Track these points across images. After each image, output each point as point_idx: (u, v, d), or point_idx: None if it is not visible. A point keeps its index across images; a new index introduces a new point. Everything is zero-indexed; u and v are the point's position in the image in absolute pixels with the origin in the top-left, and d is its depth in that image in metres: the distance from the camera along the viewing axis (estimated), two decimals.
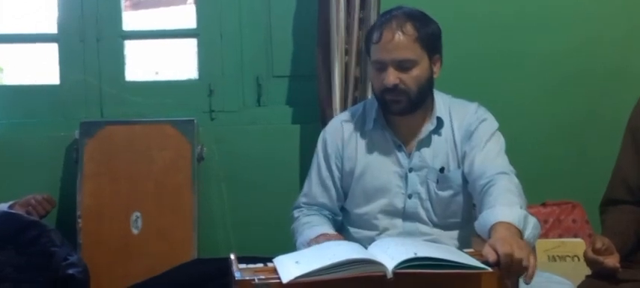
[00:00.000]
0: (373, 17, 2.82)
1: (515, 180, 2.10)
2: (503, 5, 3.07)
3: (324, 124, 2.85)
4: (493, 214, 1.92)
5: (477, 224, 1.99)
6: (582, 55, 3.07)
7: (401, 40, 2.18)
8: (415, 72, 2.19)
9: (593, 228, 2.85)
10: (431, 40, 2.22)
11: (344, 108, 2.81)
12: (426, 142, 2.28)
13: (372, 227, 2.29)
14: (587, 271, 2.16)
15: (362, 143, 2.32)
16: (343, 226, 2.38)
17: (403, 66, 2.18)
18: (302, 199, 2.40)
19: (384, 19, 2.23)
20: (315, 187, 2.37)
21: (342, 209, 2.38)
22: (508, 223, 1.87)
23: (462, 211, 2.28)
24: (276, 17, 3.10)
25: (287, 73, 3.12)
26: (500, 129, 2.29)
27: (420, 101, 2.23)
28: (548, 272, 2.18)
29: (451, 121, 2.29)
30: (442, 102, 2.31)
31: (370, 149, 2.31)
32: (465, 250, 1.84)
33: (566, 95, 3.08)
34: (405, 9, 2.25)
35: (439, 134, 2.28)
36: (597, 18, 3.07)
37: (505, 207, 1.94)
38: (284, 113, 3.12)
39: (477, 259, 1.73)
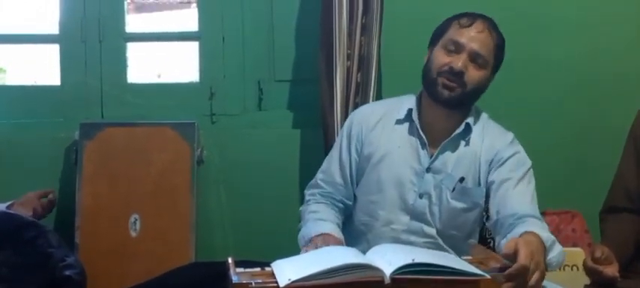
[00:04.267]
0: (376, 23, 2.83)
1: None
2: (506, 13, 3.05)
3: (325, 129, 2.85)
4: (525, 227, 1.95)
5: (503, 241, 2.00)
6: (584, 63, 3.07)
7: (488, 38, 2.24)
8: (481, 73, 2.23)
9: (592, 237, 2.84)
10: (500, 57, 2.29)
11: (345, 113, 2.80)
12: (452, 147, 2.27)
13: (377, 218, 2.28)
14: (586, 281, 2.15)
15: (387, 131, 2.32)
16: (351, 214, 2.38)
17: (477, 60, 2.22)
18: (319, 176, 2.40)
19: (477, 14, 2.27)
20: (333, 165, 2.37)
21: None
22: (537, 236, 1.88)
23: (467, 227, 2.28)
24: (279, 21, 3.10)
25: (289, 78, 3.12)
26: None
27: (467, 102, 2.26)
28: (547, 281, 2.17)
29: (482, 137, 2.28)
30: (479, 115, 2.32)
31: (394, 139, 2.30)
32: (464, 257, 1.83)
33: (567, 103, 3.08)
34: (489, 17, 2.30)
35: (467, 143, 2.27)
36: (599, 27, 3.07)
37: (536, 228, 1.95)
38: (285, 117, 3.11)
39: (476, 266, 1.72)
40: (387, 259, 1.70)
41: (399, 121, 2.31)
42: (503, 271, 1.71)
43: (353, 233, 2.31)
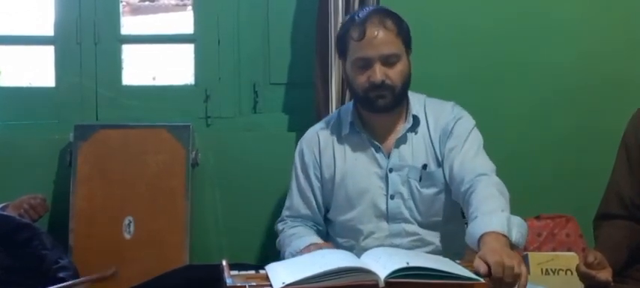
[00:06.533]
0: None
1: (495, 179, 2.09)
2: (501, 19, 3.07)
3: None
4: (477, 225, 1.91)
5: (466, 239, 1.98)
6: (578, 68, 3.07)
7: (386, 35, 2.20)
8: (399, 67, 2.22)
9: (586, 242, 2.84)
10: (407, 36, 2.26)
11: None
12: (404, 140, 2.28)
13: (358, 233, 2.28)
14: (580, 286, 2.15)
15: (339, 149, 2.32)
16: (329, 236, 2.37)
17: (389, 61, 2.20)
18: (285, 213, 2.40)
19: (363, 16, 2.23)
20: (296, 200, 2.37)
21: (326, 220, 2.37)
22: (494, 233, 1.86)
23: (444, 209, 2.27)
24: (274, 24, 3.10)
25: (284, 81, 3.12)
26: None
27: (402, 97, 2.26)
28: (542, 286, 2.18)
29: (426, 119, 2.29)
30: (417, 101, 2.32)
31: (348, 154, 2.31)
32: (458, 261, 1.84)
33: (562, 108, 3.08)
34: (378, 7, 2.27)
35: (416, 132, 2.28)
36: (594, 32, 3.08)
37: (487, 216, 1.92)
38: (280, 120, 3.12)
39: (470, 270, 1.72)
40: (382, 262, 1.70)
41: (345, 136, 2.32)
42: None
43: None
